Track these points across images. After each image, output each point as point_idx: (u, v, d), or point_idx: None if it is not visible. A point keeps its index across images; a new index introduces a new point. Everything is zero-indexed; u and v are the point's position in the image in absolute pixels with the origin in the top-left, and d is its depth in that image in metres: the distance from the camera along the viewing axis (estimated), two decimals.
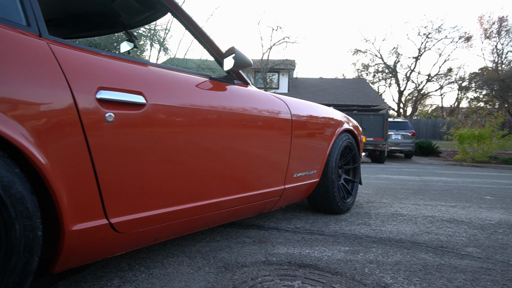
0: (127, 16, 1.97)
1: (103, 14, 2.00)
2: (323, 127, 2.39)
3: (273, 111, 1.92)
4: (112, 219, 1.17)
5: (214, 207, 1.63)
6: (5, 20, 1.00)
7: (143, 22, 2.01)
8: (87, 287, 1.36)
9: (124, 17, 2.01)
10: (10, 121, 0.91)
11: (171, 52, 17.59)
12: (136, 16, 1.92)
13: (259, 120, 1.80)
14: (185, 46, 36.74)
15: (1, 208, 0.88)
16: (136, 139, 1.22)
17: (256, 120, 1.78)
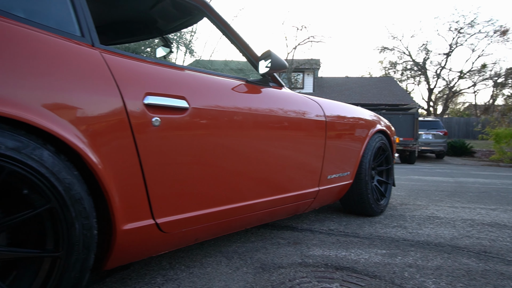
0: (164, 22, 2.04)
1: (141, 21, 2.08)
2: (356, 128, 2.37)
3: (307, 113, 1.92)
4: (158, 220, 1.22)
5: (250, 209, 1.66)
6: (61, 32, 1.07)
7: (179, 28, 2.07)
8: (132, 284, 1.42)
9: (161, 23, 2.07)
10: (69, 126, 0.97)
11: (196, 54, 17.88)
12: (173, 22, 1.98)
13: (294, 122, 1.81)
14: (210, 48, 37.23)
15: (63, 208, 0.94)
16: (179, 142, 1.26)
17: (291, 122, 1.79)
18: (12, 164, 0.85)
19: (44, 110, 0.92)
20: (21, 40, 0.94)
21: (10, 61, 0.89)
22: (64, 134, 0.94)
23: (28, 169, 0.88)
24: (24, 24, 0.97)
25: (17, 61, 0.90)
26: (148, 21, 2.06)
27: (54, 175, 0.92)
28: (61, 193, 0.94)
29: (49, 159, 0.92)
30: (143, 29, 2.18)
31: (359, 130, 2.39)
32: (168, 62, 1.37)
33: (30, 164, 0.88)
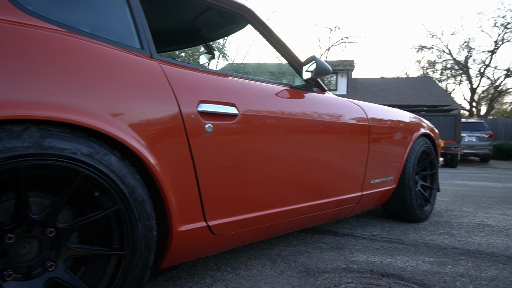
0: (209, 30, 2.11)
1: (186, 30, 2.16)
2: (400, 132, 2.32)
3: (351, 117, 1.91)
4: (210, 222, 1.27)
5: (293, 213, 1.67)
6: (123, 45, 1.15)
7: (223, 35, 2.13)
8: (182, 283, 1.48)
9: (205, 31, 2.15)
10: (133, 133, 1.04)
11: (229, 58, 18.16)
12: (217, 30, 2.05)
13: (338, 127, 1.80)
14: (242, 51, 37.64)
15: (128, 210, 1.01)
16: (229, 148, 1.30)
17: (335, 127, 1.78)
18: (86, 169, 0.93)
19: (112, 118, 1.00)
20: (90, 54, 1.02)
21: (83, 74, 0.97)
22: (129, 140, 1.01)
23: (99, 173, 0.95)
24: (92, 39, 1.06)
25: (89, 74, 0.99)
26: (193, 30, 2.14)
27: (120, 179, 0.99)
28: (126, 196, 1.01)
29: (116, 164, 0.99)
30: (188, 38, 2.26)
31: (402, 134, 2.34)
32: (218, 70, 1.42)
33: (101, 169, 0.96)
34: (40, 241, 0.94)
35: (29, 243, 0.93)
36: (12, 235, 0.86)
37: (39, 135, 0.86)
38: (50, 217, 0.92)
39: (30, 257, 0.93)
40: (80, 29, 1.06)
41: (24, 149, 0.83)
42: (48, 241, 0.95)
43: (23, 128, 0.85)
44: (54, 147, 0.88)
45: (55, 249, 0.95)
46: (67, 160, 0.90)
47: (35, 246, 0.93)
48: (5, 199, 0.90)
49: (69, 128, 0.93)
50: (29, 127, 0.86)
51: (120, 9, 1.19)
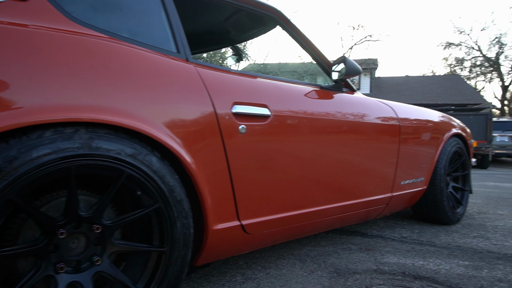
0: (237, 33, 2.14)
1: (214, 32, 2.20)
2: (430, 132, 2.27)
3: (381, 117, 1.89)
4: (243, 221, 1.30)
5: (323, 214, 1.67)
6: (161, 49, 1.19)
7: (251, 37, 2.16)
8: (214, 280, 1.51)
9: (233, 34, 2.18)
10: (171, 134, 1.08)
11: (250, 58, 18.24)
12: (246, 32, 2.07)
13: (368, 127, 1.79)
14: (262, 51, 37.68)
15: (167, 208, 1.05)
16: (262, 148, 1.33)
17: (365, 127, 1.77)
18: (129, 169, 0.98)
19: (152, 120, 1.04)
20: (132, 59, 1.07)
21: (126, 79, 1.02)
22: (168, 141, 1.05)
23: (141, 173, 1.00)
24: (132, 45, 1.10)
25: (131, 79, 1.03)
26: (221, 32, 2.18)
27: (160, 179, 1.03)
28: (166, 195, 1.05)
29: (156, 164, 1.03)
30: (216, 40, 2.31)
31: (433, 134, 2.28)
32: (249, 72, 1.45)
33: (143, 169, 1.00)
34: (87, 237, 0.99)
35: (77, 238, 0.98)
36: (64, 231, 0.91)
37: (87, 137, 0.91)
38: (97, 214, 0.97)
39: (78, 252, 0.98)
40: (122, 35, 1.11)
41: (75, 150, 0.89)
42: (94, 237, 1.00)
43: (73, 130, 0.90)
44: (101, 148, 0.93)
45: (100, 244, 1.00)
46: (112, 160, 0.95)
47: (83, 242, 0.99)
48: (56, 197, 0.96)
49: (114, 130, 0.98)
50: (79, 129, 0.91)
51: (157, 14, 1.24)
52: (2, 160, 0.79)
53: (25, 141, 0.83)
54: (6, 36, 0.86)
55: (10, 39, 0.87)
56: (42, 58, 0.89)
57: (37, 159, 0.83)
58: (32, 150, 0.83)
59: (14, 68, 0.84)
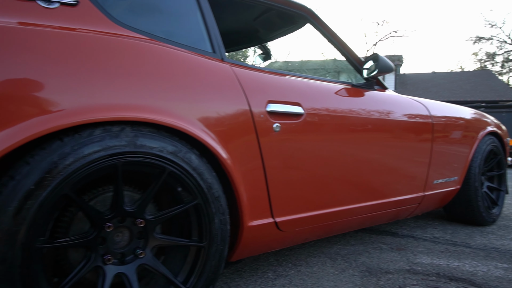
0: (266, 31, 2.15)
1: (243, 32, 2.22)
2: (464, 130, 2.20)
3: (413, 115, 1.86)
4: (277, 218, 1.31)
5: (353, 213, 1.66)
6: (197, 49, 1.22)
7: (280, 36, 2.16)
8: (246, 276, 1.54)
9: (262, 32, 2.19)
10: (209, 132, 1.10)
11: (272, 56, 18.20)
12: (275, 31, 2.08)
13: (401, 125, 1.76)
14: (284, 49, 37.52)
15: (206, 204, 1.08)
16: (296, 146, 1.34)
17: (397, 125, 1.75)
18: (171, 166, 1.01)
19: (191, 118, 1.07)
20: (172, 60, 1.10)
21: (167, 78, 1.06)
22: (206, 139, 1.08)
23: (181, 170, 1.03)
24: (171, 46, 1.14)
25: (171, 78, 1.07)
26: (250, 31, 2.19)
27: (199, 176, 1.07)
28: (205, 191, 1.08)
29: (195, 162, 1.07)
30: (245, 39, 2.33)
31: (467, 132, 2.22)
32: (282, 70, 1.46)
33: (183, 166, 1.03)
34: (131, 231, 1.03)
35: (122, 232, 1.03)
36: (111, 224, 0.96)
37: (133, 135, 0.95)
38: (140, 209, 1.01)
39: (123, 245, 1.03)
40: (161, 36, 1.15)
41: (121, 148, 0.93)
42: (138, 231, 1.04)
43: (120, 128, 0.94)
44: (145, 145, 0.97)
45: (143, 238, 1.05)
46: (155, 157, 0.99)
47: (126, 235, 1.03)
48: (101, 193, 1.01)
49: (156, 128, 1.02)
50: (125, 128, 0.95)
51: (193, 15, 1.27)
52: (58, 156, 0.84)
53: (78, 139, 0.88)
54: (58, 41, 0.91)
55: (62, 43, 0.92)
56: (91, 61, 0.94)
57: (88, 156, 0.88)
58: (83, 147, 0.88)
59: (65, 71, 0.89)
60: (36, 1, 0.95)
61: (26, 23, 0.91)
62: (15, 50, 0.85)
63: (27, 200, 0.80)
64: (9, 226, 0.78)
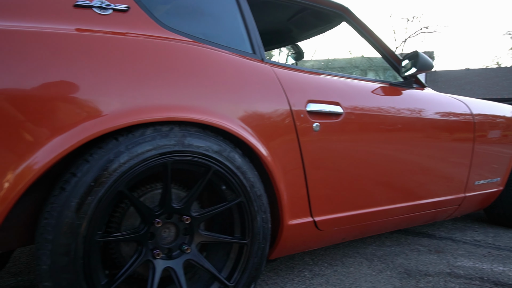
0: (299, 31, 2.15)
1: (276, 32, 2.23)
2: (507, 129, 2.11)
3: (454, 114, 1.80)
4: (316, 218, 1.32)
5: (391, 213, 1.64)
6: (238, 51, 1.25)
7: (313, 35, 2.16)
8: (283, 274, 1.55)
9: (295, 32, 2.19)
10: (251, 131, 1.13)
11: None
12: (309, 30, 2.08)
13: (441, 125, 1.71)
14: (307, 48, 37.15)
15: (249, 203, 1.10)
16: (334, 146, 1.33)
17: (438, 125, 1.70)
18: (216, 164, 1.04)
19: (234, 118, 1.09)
20: (216, 61, 1.13)
21: (211, 80, 1.09)
22: (249, 139, 1.10)
23: (226, 168, 1.06)
24: (214, 48, 1.17)
25: (216, 79, 1.10)
26: (284, 31, 2.20)
27: (243, 174, 1.09)
28: (248, 190, 1.10)
29: (238, 161, 1.09)
30: (277, 39, 2.34)
31: (511, 131, 2.12)
32: (320, 70, 1.46)
33: (227, 165, 1.06)
34: (177, 227, 1.07)
35: (168, 228, 1.07)
36: (160, 220, 1.00)
37: (181, 134, 0.99)
38: (187, 206, 1.04)
39: (169, 241, 1.07)
40: (204, 39, 1.18)
41: (171, 147, 0.97)
42: (183, 228, 1.08)
43: (169, 128, 0.98)
44: (192, 145, 1.00)
45: (188, 234, 1.08)
46: (201, 156, 1.02)
47: (173, 231, 1.07)
48: (149, 190, 1.05)
49: (202, 128, 1.05)
50: (174, 128, 0.99)
51: (234, 17, 1.30)
52: (114, 155, 0.89)
53: (131, 138, 0.92)
54: (112, 45, 0.96)
55: (115, 48, 0.97)
56: (142, 64, 0.98)
57: (141, 154, 0.92)
58: (137, 146, 0.92)
59: (119, 74, 0.94)
60: (92, 9, 1.00)
61: (82, 29, 0.97)
62: (73, 55, 0.90)
63: (87, 196, 0.85)
64: (73, 220, 0.83)
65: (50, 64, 0.86)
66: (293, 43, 2.38)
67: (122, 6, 1.05)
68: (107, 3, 1.03)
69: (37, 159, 0.82)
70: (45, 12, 0.95)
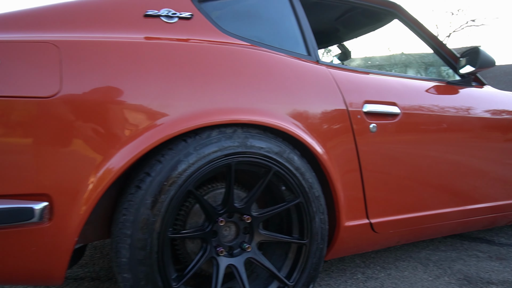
0: (347, 30, 2.13)
1: (323, 32, 2.22)
2: None
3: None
4: (372, 220, 1.30)
5: (447, 217, 1.58)
6: (294, 53, 1.26)
7: (362, 33, 2.13)
8: (335, 276, 1.54)
9: (342, 32, 2.17)
10: (309, 132, 1.13)
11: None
12: (357, 29, 2.05)
13: (504, 124, 1.62)
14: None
15: (307, 203, 1.11)
16: (391, 147, 1.31)
17: (501, 125, 1.61)
18: (276, 165, 1.06)
19: (293, 120, 1.11)
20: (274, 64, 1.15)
21: (271, 82, 1.11)
22: (308, 140, 1.11)
23: (285, 169, 1.08)
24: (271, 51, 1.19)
25: (275, 82, 1.12)
26: (330, 31, 2.19)
27: (301, 175, 1.10)
28: (306, 191, 1.11)
29: (297, 162, 1.10)
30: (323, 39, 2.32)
31: None
32: (375, 70, 1.44)
33: (287, 166, 1.08)
34: (237, 226, 1.11)
35: (229, 227, 1.10)
36: (223, 219, 1.04)
37: (244, 136, 1.02)
38: (248, 206, 1.07)
39: (230, 239, 1.10)
40: (262, 42, 1.21)
41: (235, 148, 1.00)
42: (243, 227, 1.11)
43: (233, 130, 1.02)
44: (254, 146, 1.03)
45: (248, 233, 1.11)
46: (263, 157, 1.04)
47: (233, 230, 1.11)
48: (211, 189, 1.09)
49: (263, 130, 1.08)
50: (237, 130, 1.02)
51: (289, 21, 1.31)
52: (184, 156, 0.94)
53: (198, 140, 0.97)
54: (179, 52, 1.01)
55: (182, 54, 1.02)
56: (206, 68, 1.03)
57: (208, 155, 0.96)
58: (204, 148, 0.96)
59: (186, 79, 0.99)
60: (160, 18, 1.06)
61: (151, 38, 1.03)
62: (144, 63, 0.96)
63: (161, 194, 0.90)
64: (148, 216, 0.89)
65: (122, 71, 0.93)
66: (338, 43, 2.36)
67: (187, 14, 1.10)
68: (173, 11, 1.08)
69: (115, 162, 0.88)
70: (119, 23, 1.02)
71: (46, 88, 0.83)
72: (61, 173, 0.84)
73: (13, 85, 0.81)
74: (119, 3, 1.04)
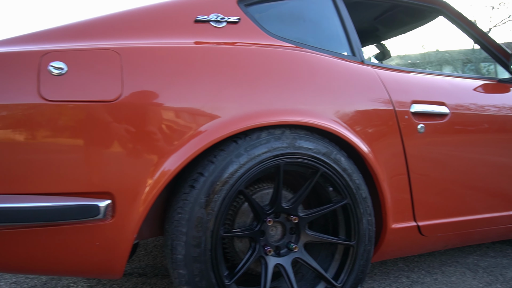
0: (387, 29, 2.09)
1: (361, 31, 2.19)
2: None
3: None
4: (419, 222, 1.27)
5: (496, 221, 1.51)
6: (339, 54, 1.26)
7: (403, 32, 2.08)
8: (378, 279, 1.52)
9: (381, 31, 2.13)
10: (355, 133, 1.13)
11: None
12: (398, 28, 2.01)
13: None
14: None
15: (354, 205, 1.11)
16: (440, 148, 1.27)
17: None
18: (324, 166, 1.07)
19: (340, 121, 1.11)
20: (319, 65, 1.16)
21: (317, 83, 1.11)
22: (356, 141, 1.10)
23: (333, 170, 1.08)
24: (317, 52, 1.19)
25: (322, 83, 1.12)
26: (368, 30, 2.15)
27: (349, 176, 1.10)
28: (353, 192, 1.10)
29: (344, 163, 1.10)
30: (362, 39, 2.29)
31: None
32: (422, 69, 1.41)
33: (334, 167, 1.08)
34: (284, 226, 1.12)
35: (276, 227, 1.12)
36: (270, 219, 1.06)
37: (292, 137, 1.03)
38: (295, 206, 1.08)
39: (277, 239, 1.12)
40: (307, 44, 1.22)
41: (283, 149, 1.01)
42: (290, 227, 1.12)
43: (281, 131, 1.03)
44: (303, 147, 1.04)
45: (295, 234, 1.12)
46: (310, 158, 1.05)
47: (280, 230, 1.12)
48: (259, 190, 1.11)
49: (310, 131, 1.08)
50: (285, 131, 1.04)
51: (333, 22, 1.31)
52: (235, 157, 0.96)
53: (249, 141, 0.99)
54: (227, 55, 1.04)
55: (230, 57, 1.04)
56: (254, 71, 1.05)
57: (258, 156, 0.98)
58: (254, 149, 0.98)
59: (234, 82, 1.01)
60: (209, 23, 1.10)
61: (201, 42, 1.06)
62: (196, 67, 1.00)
63: (214, 194, 0.93)
64: (202, 215, 0.92)
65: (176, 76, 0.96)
66: (377, 42, 2.31)
67: (234, 18, 1.13)
68: (222, 16, 1.12)
69: (170, 164, 0.91)
70: (172, 29, 1.06)
71: (109, 92, 0.88)
72: (123, 172, 0.89)
73: (81, 90, 0.87)
74: (172, 10, 1.08)
